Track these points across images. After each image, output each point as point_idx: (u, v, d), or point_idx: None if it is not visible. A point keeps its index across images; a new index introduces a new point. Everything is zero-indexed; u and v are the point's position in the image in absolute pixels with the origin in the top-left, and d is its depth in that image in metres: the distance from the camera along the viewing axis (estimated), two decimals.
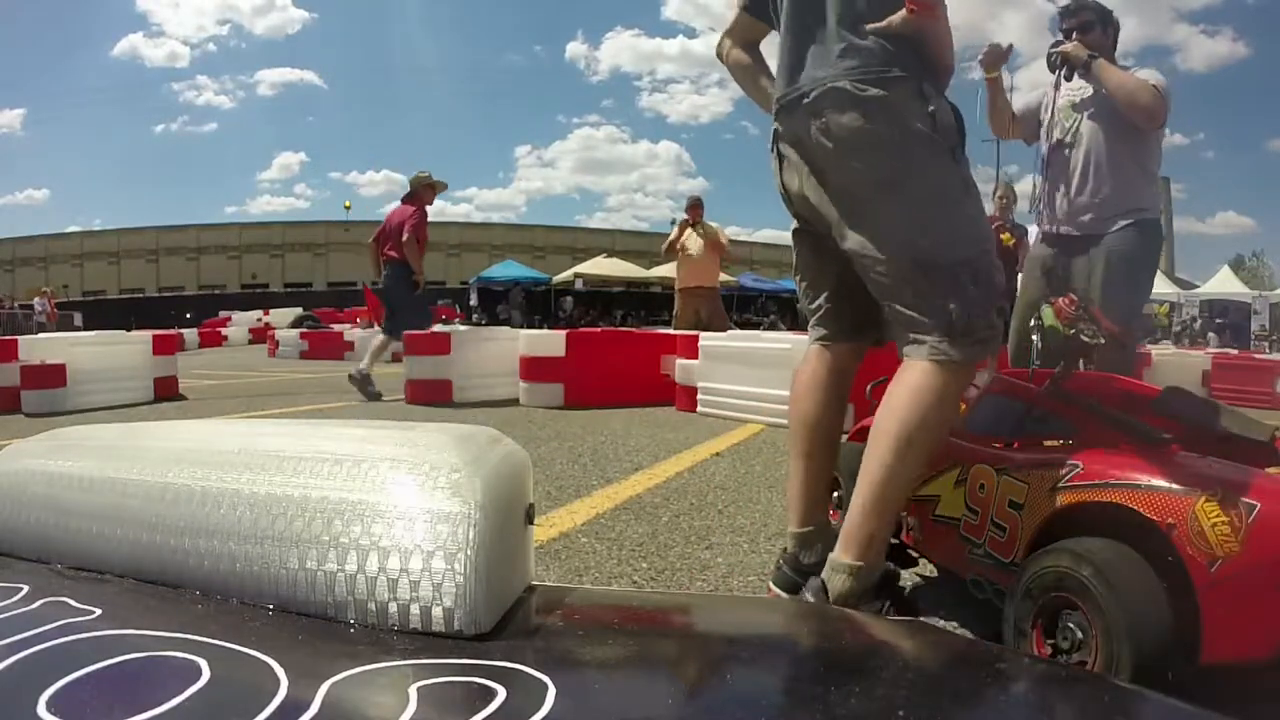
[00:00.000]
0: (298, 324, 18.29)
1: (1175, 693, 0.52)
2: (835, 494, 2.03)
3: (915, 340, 1.41)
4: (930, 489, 1.67)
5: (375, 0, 79.80)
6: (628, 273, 26.74)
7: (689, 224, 6.43)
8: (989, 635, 1.50)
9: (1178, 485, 1.09)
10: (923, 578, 1.82)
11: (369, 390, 5.50)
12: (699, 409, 4.86)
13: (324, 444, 0.66)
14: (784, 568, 1.61)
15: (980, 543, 1.44)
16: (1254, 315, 21.36)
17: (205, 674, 0.46)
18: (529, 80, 74.45)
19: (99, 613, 0.56)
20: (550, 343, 5.32)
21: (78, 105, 64.63)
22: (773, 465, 3.17)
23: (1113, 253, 2.45)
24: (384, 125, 74.61)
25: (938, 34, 1.41)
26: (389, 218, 5.84)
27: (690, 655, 0.65)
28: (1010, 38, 3.02)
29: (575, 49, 75.57)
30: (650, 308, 25.14)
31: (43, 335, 7.67)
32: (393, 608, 0.56)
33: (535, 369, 5.25)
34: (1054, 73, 2.55)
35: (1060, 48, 2.49)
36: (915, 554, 1.82)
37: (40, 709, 0.42)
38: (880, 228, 1.40)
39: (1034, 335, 1.75)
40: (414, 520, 0.58)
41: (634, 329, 11.23)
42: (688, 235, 6.38)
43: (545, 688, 0.46)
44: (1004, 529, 1.38)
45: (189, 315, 24.66)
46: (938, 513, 1.62)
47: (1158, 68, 2.55)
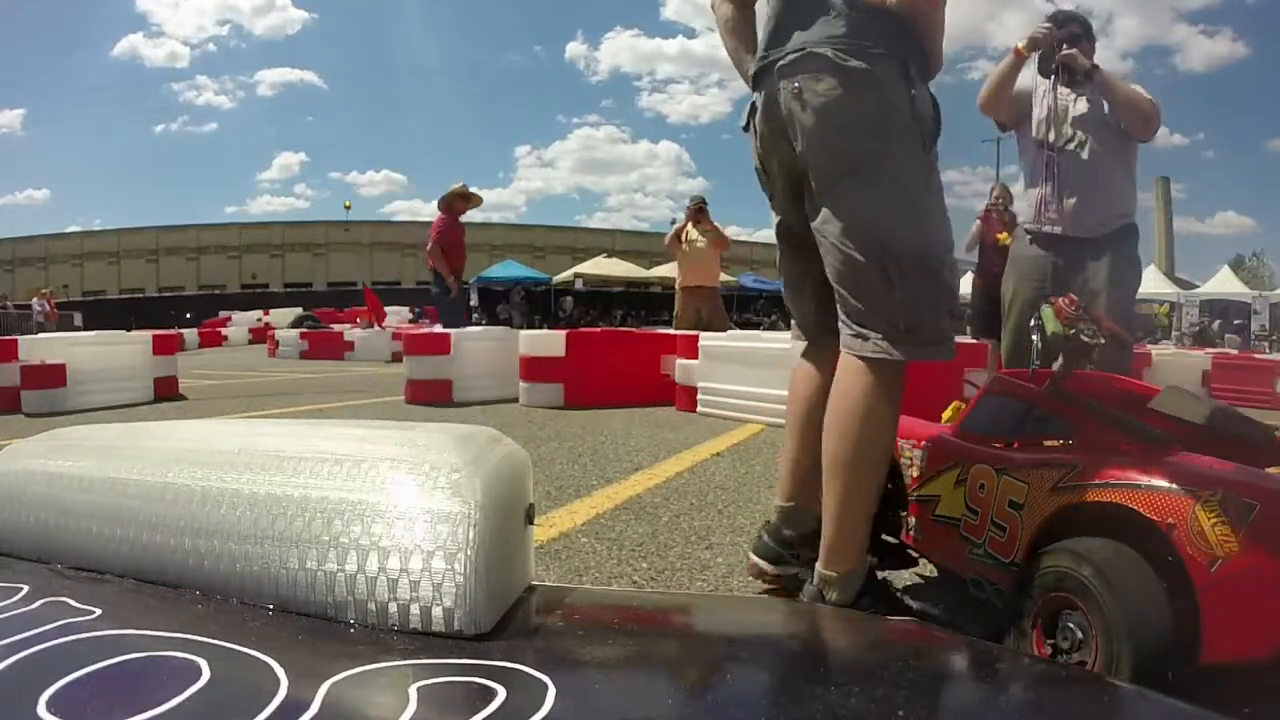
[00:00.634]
0: (298, 324, 18.28)
1: (1175, 693, 0.52)
2: None
3: (859, 334, 1.37)
4: (930, 489, 1.67)
5: (375, 0, 79.88)
6: (628, 273, 26.75)
7: (693, 221, 6.38)
8: (989, 635, 1.50)
9: (1178, 485, 1.09)
10: (923, 578, 1.82)
11: None
12: (699, 409, 4.86)
13: (324, 444, 0.66)
14: (765, 538, 1.60)
15: (980, 543, 1.45)
16: (1254, 315, 21.34)
17: (205, 674, 0.46)
18: (529, 80, 74.47)
19: (99, 613, 0.56)
20: (550, 343, 5.32)
21: (78, 105, 64.62)
22: (772, 465, 3.17)
23: (1111, 255, 2.48)
24: (384, 125, 74.63)
25: (933, 21, 1.35)
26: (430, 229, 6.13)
27: (690, 655, 0.65)
28: (1010, 37, 3.03)
29: (575, 49, 75.58)
30: (650, 308, 25.13)
31: (43, 335, 7.67)
32: (393, 608, 0.56)
33: (535, 369, 5.25)
34: (1048, 79, 2.56)
35: (1062, 55, 2.49)
36: (915, 554, 1.82)
37: (40, 709, 0.42)
38: (843, 205, 1.35)
39: (1033, 335, 1.75)
40: (414, 520, 0.58)
41: (634, 329, 11.23)
42: (688, 232, 6.36)
43: (545, 688, 0.46)
44: (1004, 529, 1.38)
45: (189, 315, 24.66)
46: (938, 513, 1.62)
47: (1158, 68, 2.58)
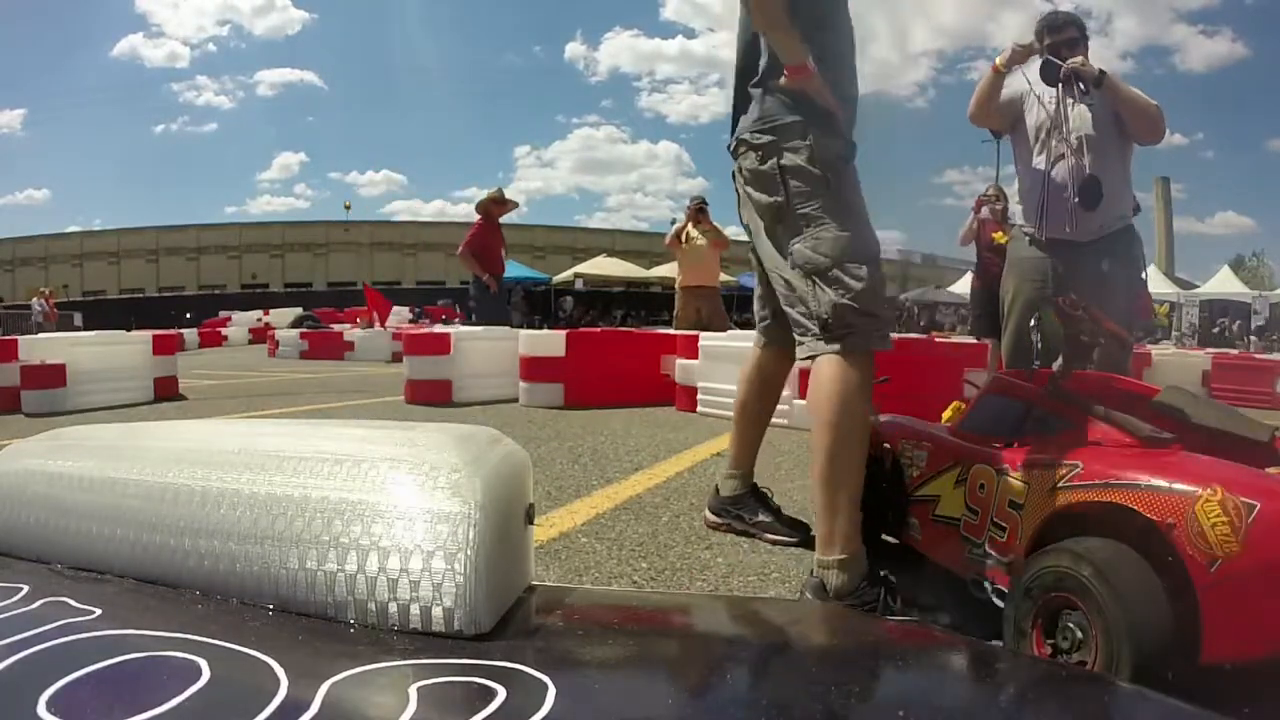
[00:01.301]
0: (298, 324, 18.29)
1: (1175, 693, 0.52)
2: None
3: (800, 342, 1.71)
4: (930, 489, 1.67)
5: (375, 0, 79.90)
6: (628, 273, 26.74)
7: (694, 221, 6.38)
8: (989, 635, 1.50)
9: (1178, 485, 1.09)
10: (922, 578, 1.82)
11: None
12: (699, 409, 4.86)
13: (324, 444, 0.66)
14: (711, 498, 2.22)
15: (980, 543, 1.45)
16: (1254, 315, 21.33)
17: (205, 674, 0.46)
18: (528, 80, 74.38)
19: (99, 613, 0.56)
20: (550, 343, 5.32)
21: (78, 105, 64.65)
22: (772, 465, 3.17)
23: (1111, 256, 2.48)
24: (384, 125, 74.51)
25: (815, 88, 1.72)
26: None
27: (690, 655, 0.65)
28: (1010, 37, 3.02)
29: (574, 49, 75.51)
30: (650, 308, 25.12)
31: (42, 335, 7.67)
32: (393, 608, 0.56)
33: (535, 369, 5.24)
34: (1054, 86, 2.54)
35: (1071, 63, 2.47)
36: (915, 554, 1.82)
37: (40, 709, 0.42)
38: (771, 246, 1.77)
39: (1033, 335, 1.75)
40: (414, 520, 0.58)
41: (634, 329, 11.23)
42: (689, 232, 6.35)
43: (545, 688, 0.46)
44: (1004, 529, 1.38)
45: (189, 315, 24.67)
46: (938, 513, 1.62)
47: (1158, 68, 2.58)
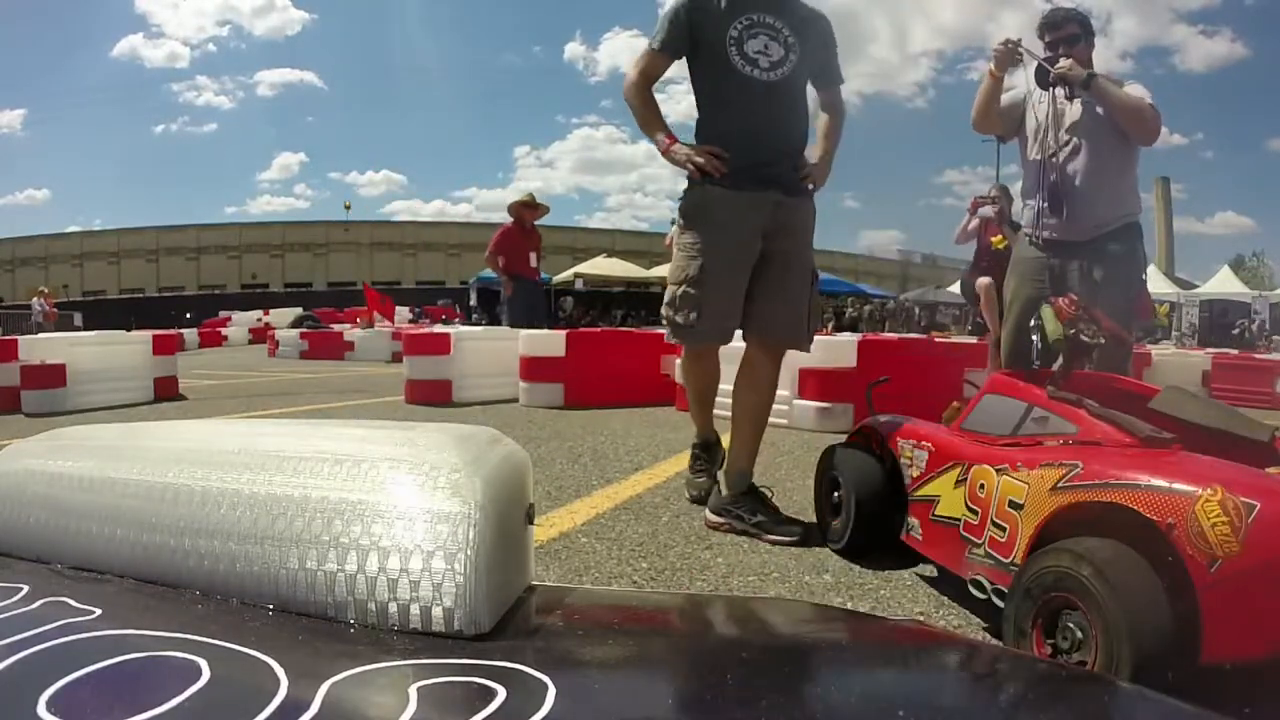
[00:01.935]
0: (298, 324, 18.30)
1: (1175, 693, 0.52)
2: (836, 494, 2.03)
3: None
4: (930, 489, 1.67)
5: (375, 1, 79.96)
6: (628, 273, 26.72)
7: None
8: (989, 635, 1.50)
9: (1178, 485, 1.09)
10: (923, 578, 1.82)
11: None
12: None
13: (324, 444, 0.66)
14: (713, 498, 2.39)
15: (980, 543, 1.45)
16: (1254, 315, 21.31)
17: (205, 674, 0.46)
18: (528, 81, 74.50)
19: (99, 613, 0.56)
20: (550, 343, 5.31)
21: (78, 105, 64.74)
22: (772, 465, 3.17)
23: (1110, 255, 2.47)
24: (384, 125, 74.60)
25: (673, 163, 2.30)
26: None
27: (690, 655, 0.65)
28: (1008, 37, 2.98)
29: (574, 49, 75.76)
30: (650, 308, 25.06)
31: (42, 335, 7.67)
32: (393, 608, 0.56)
33: (535, 369, 5.24)
34: (1046, 89, 2.53)
35: (1057, 69, 2.45)
36: (915, 554, 1.82)
37: (40, 709, 0.42)
38: None
39: (1033, 335, 1.75)
40: (414, 520, 0.58)
41: (634, 329, 11.23)
42: None
43: (545, 688, 0.46)
44: (1004, 529, 1.38)
45: (189, 315, 24.68)
46: (937, 513, 1.63)
47: (1157, 68, 2.57)
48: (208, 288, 39.74)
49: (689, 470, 2.65)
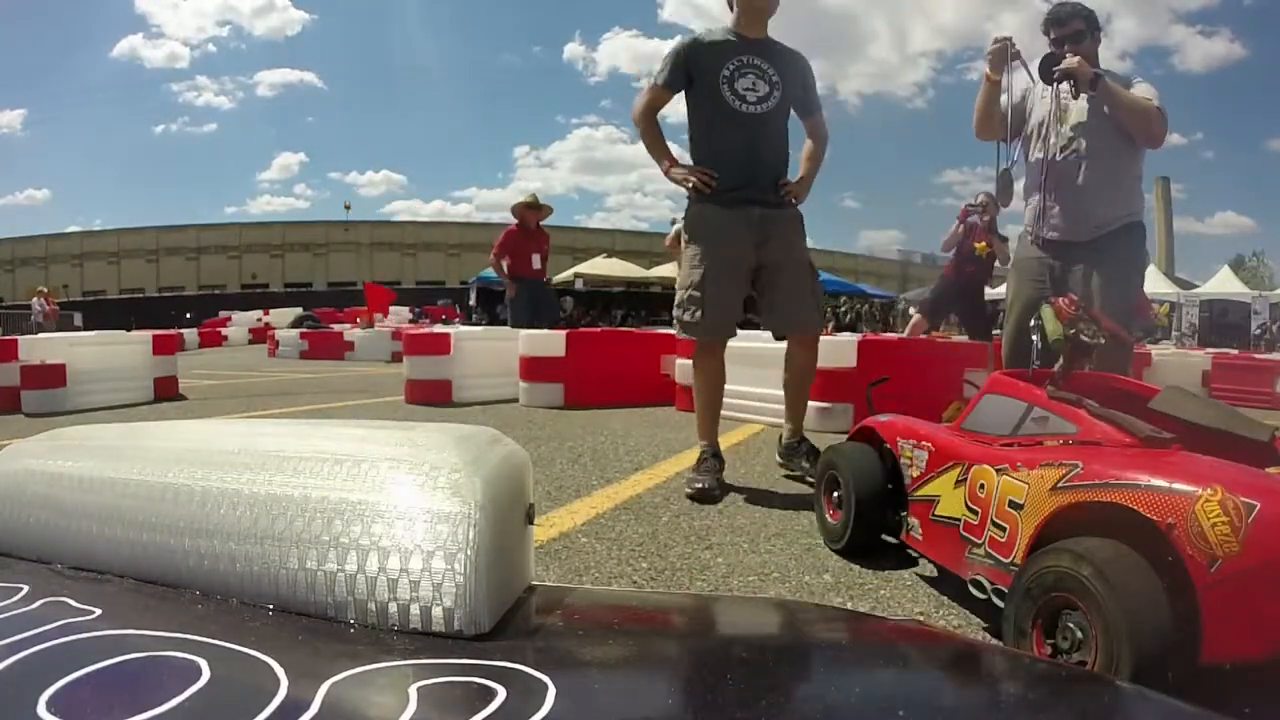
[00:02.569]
0: (298, 324, 18.30)
1: (1175, 693, 0.52)
2: (835, 493, 2.03)
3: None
4: (930, 489, 1.67)
5: (375, 1, 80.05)
6: (628, 273, 26.71)
7: None
8: (989, 635, 1.50)
9: (1178, 485, 1.09)
10: (923, 578, 1.82)
11: None
12: None
13: (324, 444, 0.66)
14: (778, 446, 2.96)
15: (980, 543, 1.44)
16: (1254, 315, 21.27)
17: (205, 674, 0.46)
18: (527, 81, 74.68)
19: (99, 613, 0.56)
20: (550, 343, 5.31)
21: (78, 105, 64.82)
22: (772, 466, 3.17)
23: (1111, 255, 2.46)
24: (383, 125, 74.74)
25: (674, 182, 2.70)
26: None
27: (690, 655, 0.65)
28: (998, 35, 2.97)
29: (573, 50, 75.98)
30: (650, 308, 25.07)
31: (42, 335, 7.67)
32: (393, 608, 0.56)
33: (535, 369, 5.24)
34: (1049, 85, 2.52)
35: (1064, 65, 2.43)
36: (915, 554, 1.82)
37: (40, 709, 0.42)
38: None
39: (1034, 335, 1.75)
40: (414, 520, 0.58)
41: (634, 329, 11.23)
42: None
43: (545, 688, 0.46)
44: (1004, 529, 1.38)
45: (189, 315, 24.67)
46: (937, 513, 1.62)
47: (1156, 68, 2.56)
48: (208, 288, 39.74)
49: (694, 469, 2.73)
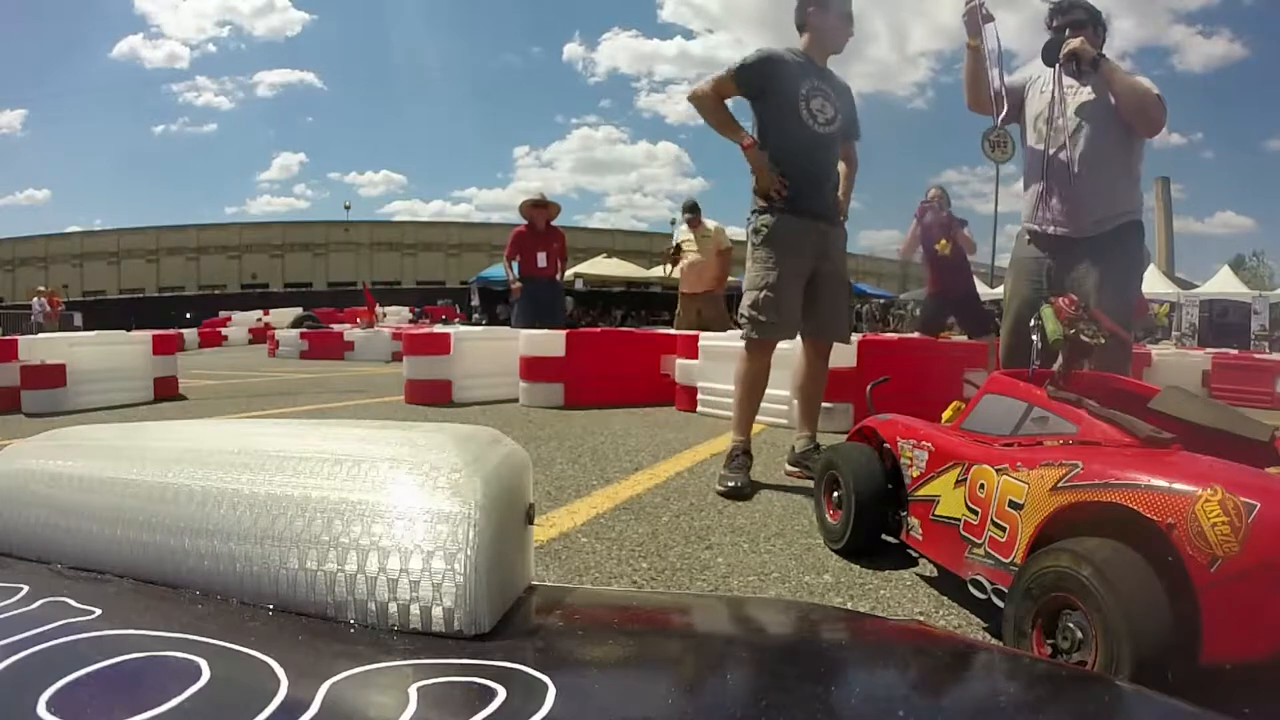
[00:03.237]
0: (298, 324, 18.27)
1: (1175, 693, 0.52)
2: (835, 493, 2.03)
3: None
4: (930, 489, 1.67)
5: (375, 1, 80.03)
6: (628, 273, 26.71)
7: (692, 226, 6.39)
8: (989, 635, 1.50)
9: (1178, 485, 1.09)
10: (923, 578, 1.82)
11: None
12: (699, 409, 4.86)
13: (324, 444, 0.66)
14: (789, 454, 3.07)
15: (980, 543, 1.44)
16: (1254, 315, 21.26)
17: (205, 674, 0.46)
18: (527, 81, 74.76)
19: (99, 613, 0.56)
20: (550, 343, 5.31)
21: (78, 105, 64.91)
22: (773, 465, 3.17)
23: (1110, 254, 2.46)
24: (383, 125, 74.86)
25: (752, 163, 2.83)
26: None
27: (690, 655, 0.65)
28: (1008, 37, 2.99)
29: (573, 50, 75.93)
30: (650, 308, 25.10)
31: (42, 335, 7.67)
32: (393, 608, 0.56)
33: (535, 369, 5.24)
34: (1050, 66, 2.52)
35: (1068, 45, 2.44)
36: (915, 554, 1.82)
37: (40, 709, 0.42)
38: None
39: (1033, 335, 1.75)
40: (414, 520, 0.58)
41: (634, 329, 11.23)
42: (687, 244, 6.35)
43: (545, 688, 0.46)
44: (1004, 529, 1.38)
45: (189, 315, 24.65)
46: (937, 513, 1.62)
47: (1156, 68, 2.57)
48: (208, 288, 39.73)
49: (725, 466, 2.81)
